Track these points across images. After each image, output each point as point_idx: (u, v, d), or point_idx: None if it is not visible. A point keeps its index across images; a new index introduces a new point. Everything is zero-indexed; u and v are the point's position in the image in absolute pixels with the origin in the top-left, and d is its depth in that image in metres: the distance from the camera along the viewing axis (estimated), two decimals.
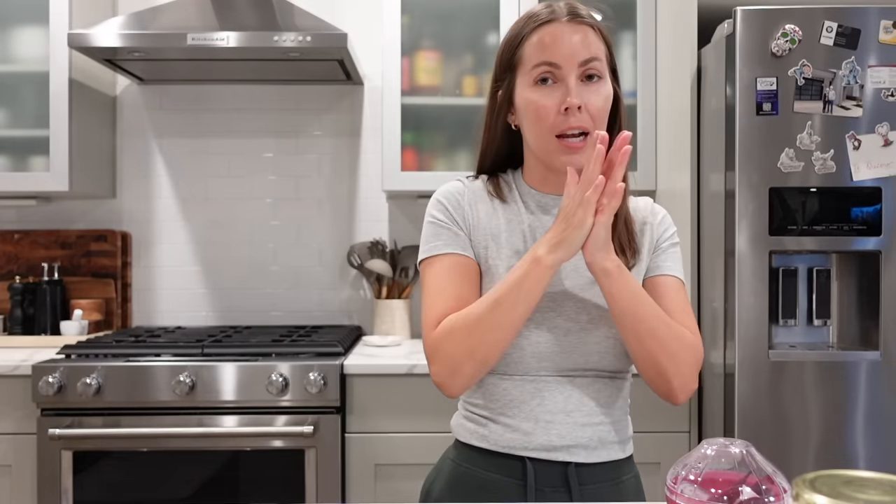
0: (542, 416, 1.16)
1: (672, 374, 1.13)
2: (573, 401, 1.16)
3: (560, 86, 1.13)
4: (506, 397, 1.17)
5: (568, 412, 1.16)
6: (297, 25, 2.25)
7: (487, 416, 1.19)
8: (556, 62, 1.13)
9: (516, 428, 1.16)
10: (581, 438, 1.16)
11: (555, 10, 1.16)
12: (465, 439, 1.21)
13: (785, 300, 2.02)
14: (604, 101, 1.15)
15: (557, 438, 1.15)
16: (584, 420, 1.16)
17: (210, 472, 2.02)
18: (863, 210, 1.93)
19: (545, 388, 1.16)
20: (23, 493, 2.05)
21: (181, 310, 2.72)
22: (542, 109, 1.14)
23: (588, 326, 1.16)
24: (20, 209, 2.68)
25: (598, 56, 1.15)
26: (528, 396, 1.16)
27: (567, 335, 1.16)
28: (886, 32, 1.92)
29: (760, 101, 1.93)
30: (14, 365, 2.05)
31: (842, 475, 0.72)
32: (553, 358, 1.16)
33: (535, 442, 1.15)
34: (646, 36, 2.42)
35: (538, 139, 1.16)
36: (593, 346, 1.16)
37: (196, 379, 2.02)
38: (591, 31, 1.16)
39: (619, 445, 1.20)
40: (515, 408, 1.16)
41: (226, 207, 2.74)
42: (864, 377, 1.93)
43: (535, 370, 1.16)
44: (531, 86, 1.15)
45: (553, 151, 1.15)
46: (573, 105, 1.11)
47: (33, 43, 2.42)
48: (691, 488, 0.69)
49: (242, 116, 2.73)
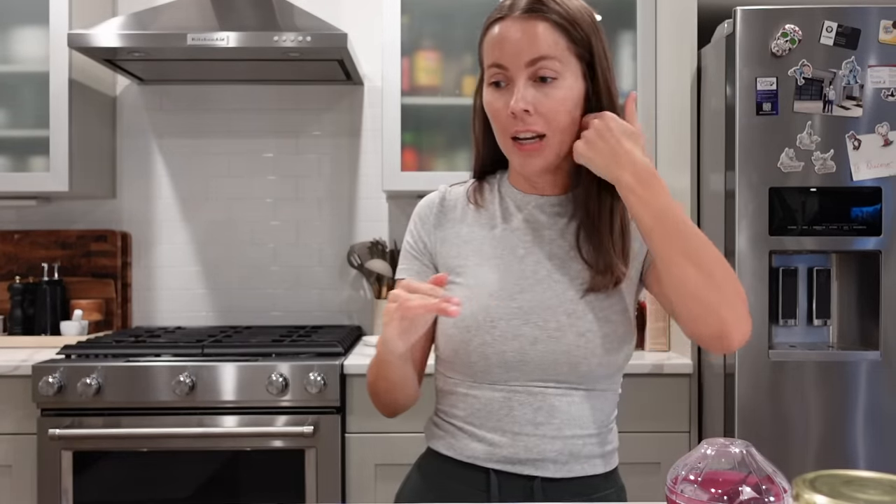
0: (509, 427, 1.11)
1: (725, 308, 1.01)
2: (543, 413, 1.11)
3: (511, 87, 1.08)
4: (474, 406, 1.13)
5: (537, 424, 1.11)
6: (297, 25, 2.25)
7: (456, 424, 1.15)
8: (502, 64, 1.07)
9: (482, 438, 1.12)
10: (549, 452, 1.11)
11: (506, 4, 1.09)
12: (434, 446, 1.19)
13: (785, 300, 2.02)
14: (558, 101, 1.06)
15: (524, 451, 1.11)
16: (553, 433, 1.11)
17: (210, 472, 2.02)
18: (863, 210, 1.93)
19: (515, 399, 1.11)
20: (23, 494, 2.05)
21: (181, 310, 2.72)
22: (496, 112, 1.10)
23: (556, 335, 1.10)
24: (20, 209, 2.68)
25: (549, 55, 1.05)
26: (496, 406, 1.12)
27: (535, 344, 1.10)
28: (886, 32, 1.92)
29: (760, 101, 1.93)
30: (14, 365, 2.05)
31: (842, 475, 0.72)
32: (521, 368, 1.11)
33: (500, 454, 1.11)
34: (646, 36, 2.42)
35: (499, 141, 1.13)
36: (562, 356, 1.10)
37: (196, 379, 2.02)
38: (542, 26, 1.05)
39: (597, 460, 1.15)
40: (483, 417, 1.12)
41: (226, 207, 2.74)
42: (864, 377, 1.93)
43: (503, 380, 1.12)
44: (488, 87, 1.11)
45: (509, 153, 1.12)
46: (517, 110, 1.06)
47: (33, 43, 2.42)
48: (691, 488, 0.69)
49: (242, 116, 2.73)
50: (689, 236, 1.03)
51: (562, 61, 1.06)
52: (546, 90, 1.06)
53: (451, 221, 1.20)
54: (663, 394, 2.10)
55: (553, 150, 1.10)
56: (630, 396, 2.16)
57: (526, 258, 1.14)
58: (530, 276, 1.13)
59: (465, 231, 1.18)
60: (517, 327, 1.10)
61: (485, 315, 1.11)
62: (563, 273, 1.13)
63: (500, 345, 1.10)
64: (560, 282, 1.12)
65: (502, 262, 1.14)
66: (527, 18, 1.06)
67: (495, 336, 1.10)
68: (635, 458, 2.09)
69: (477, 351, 1.11)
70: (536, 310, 1.11)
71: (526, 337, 1.10)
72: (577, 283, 1.12)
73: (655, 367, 2.09)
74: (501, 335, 1.10)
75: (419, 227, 1.22)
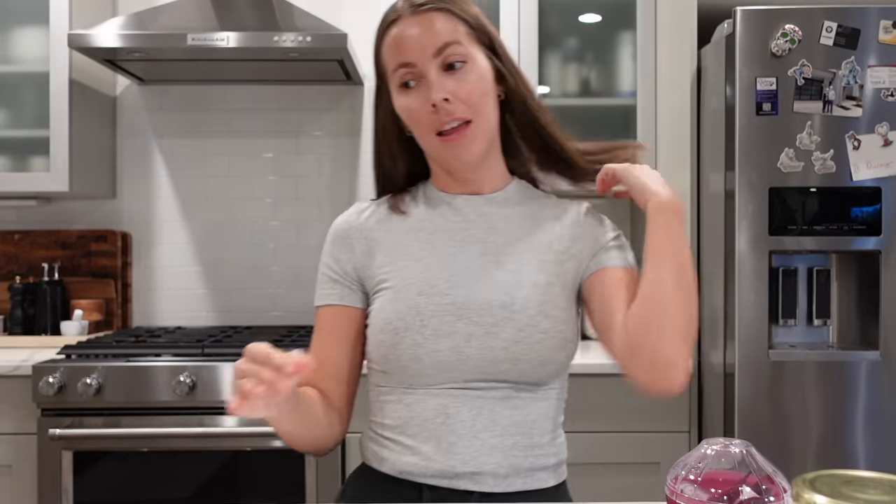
0: (445, 436, 1.03)
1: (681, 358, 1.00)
2: (483, 419, 1.03)
3: (423, 83, 1.06)
4: (407, 414, 1.05)
5: (476, 433, 1.03)
6: (297, 25, 2.25)
7: (387, 435, 1.07)
8: (409, 61, 1.06)
9: (416, 450, 1.04)
10: (488, 465, 1.03)
11: (397, 6, 1.09)
12: (366, 460, 1.11)
13: (785, 300, 2.02)
14: (474, 83, 1.06)
15: (460, 464, 1.02)
16: (494, 442, 1.03)
17: (210, 472, 2.02)
18: (863, 210, 1.93)
19: (451, 405, 1.04)
20: (23, 494, 2.05)
21: (181, 310, 2.72)
22: (413, 113, 1.07)
23: (493, 330, 1.03)
24: (20, 209, 2.68)
25: (452, 40, 1.06)
26: (431, 414, 1.04)
27: (469, 341, 1.03)
28: (886, 32, 1.92)
29: (760, 101, 1.93)
30: (14, 365, 2.05)
31: (842, 475, 0.72)
32: (457, 367, 1.03)
33: (433, 467, 1.03)
34: (646, 36, 2.42)
35: (424, 142, 1.10)
36: (501, 353, 1.03)
37: (196, 379, 2.02)
38: (439, 16, 1.06)
39: (542, 473, 1.07)
40: (417, 426, 1.04)
41: (226, 207, 2.74)
42: (864, 377, 1.93)
43: (438, 383, 1.04)
44: (398, 91, 1.08)
45: (439, 150, 1.08)
46: (437, 101, 1.04)
47: (33, 43, 2.41)
48: (691, 488, 0.69)
49: (242, 117, 2.73)
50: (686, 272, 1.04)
51: (465, 45, 1.07)
52: (459, 76, 1.06)
53: (374, 236, 1.14)
54: None
55: (483, 133, 1.08)
56: (630, 396, 2.17)
57: (457, 256, 1.10)
58: (462, 271, 1.08)
59: (390, 241, 1.13)
60: (450, 324, 1.04)
61: (414, 314, 1.04)
62: (499, 268, 1.08)
63: (433, 344, 1.03)
64: (495, 277, 1.07)
65: (432, 261, 1.09)
66: (422, 13, 1.06)
67: (426, 335, 1.03)
68: (635, 458, 2.09)
69: (408, 353, 1.04)
70: (470, 305, 1.05)
71: (460, 334, 1.04)
72: (513, 279, 1.07)
73: None
74: (433, 333, 1.03)
75: (338, 249, 1.14)
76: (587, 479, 2.12)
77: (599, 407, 2.08)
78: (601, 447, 2.09)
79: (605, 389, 2.08)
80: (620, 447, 2.09)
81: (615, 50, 2.48)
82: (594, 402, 2.08)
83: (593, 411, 2.08)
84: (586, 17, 2.50)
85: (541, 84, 2.42)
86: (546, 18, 2.42)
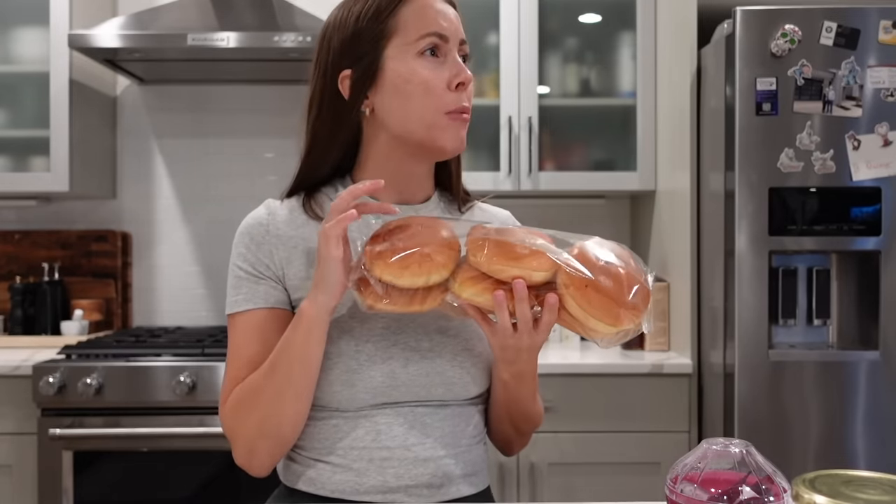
0: (377, 452, 0.99)
1: (520, 446, 1.16)
2: (415, 433, 1.00)
3: (444, 61, 1.01)
4: (336, 436, 1.00)
5: (408, 446, 0.99)
6: (297, 25, 2.25)
7: (315, 457, 1.01)
8: (446, 34, 1.01)
9: (347, 468, 0.99)
10: (422, 476, 1.00)
11: None
12: (290, 483, 1.05)
13: (785, 300, 2.02)
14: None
15: (394, 479, 0.99)
16: (426, 454, 1.00)
17: (210, 472, 2.02)
18: (862, 210, 1.93)
19: (382, 422, 1.00)
20: (23, 493, 2.05)
21: (181, 310, 2.72)
22: (429, 83, 0.99)
23: (429, 355, 1.00)
24: (20, 209, 2.68)
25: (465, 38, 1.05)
26: (361, 432, 0.99)
27: (406, 366, 0.99)
28: (886, 32, 1.92)
29: (760, 102, 1.93)
30: (15, 365, 2.05)
31: (842, 475, 0.72)
32: (391, 392, 0.99)
33: (367, 484, 0.99)
34: (645, 36, 2.42)
35: (422, 114, 1.00)
36: (437, 377, 1.00)
37: (196, 379, 2.02)
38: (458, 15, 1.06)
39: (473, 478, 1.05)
40: (347, 445, 0.99)
41: (226, 207, 2.74)
42: (864, 377, 1.93)
43: (370, 406, 0.99)
44: (417, 56, 1.00)
45: (438, 128, 1.00)
46: (469, 79, 1.01)
47: (34, 43, 2.42)
48: (691, 488, 0.69)
49: (243, 117, 2.73)
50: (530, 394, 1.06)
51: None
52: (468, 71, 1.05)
53: (293, 243, 1.04)
54: (663, 394, 2.10)
55: None
56: (630, 396, 2.18)
57: None
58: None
59: (311, 249, 1.03)
60: (386, 349, 0.99)
61: (347, 338, 0.99)
62: None
63: (367, 370, 0.98)
64: None
65: None
66: (448, 2, 1.05)
67: (361, 361, 0.98)
68: (635, 458, 2.09)
69: (340, 379, 0.98)
70: (406, 329, 1.01)
71: (397, 359, 0.99)
72: None
73: (655, 367, 2.09)
74: (368, 359, 0.98)
75: (254, 249, 1.04)
76: (587, 478, 2.13)
77: (599, 407, 2.09)
78: (601, 447, 2.09)
79: (605, 390, 2.08)
80: (620, 447, 2.09)
81: (615, 50, 2.49)
82: (594, 402, 2.08)
83: (593, 411, 2.09)
84: (586, 17, 2.50)
85: (541, 84, 2.42)
86: (546, 18, 2.42)
